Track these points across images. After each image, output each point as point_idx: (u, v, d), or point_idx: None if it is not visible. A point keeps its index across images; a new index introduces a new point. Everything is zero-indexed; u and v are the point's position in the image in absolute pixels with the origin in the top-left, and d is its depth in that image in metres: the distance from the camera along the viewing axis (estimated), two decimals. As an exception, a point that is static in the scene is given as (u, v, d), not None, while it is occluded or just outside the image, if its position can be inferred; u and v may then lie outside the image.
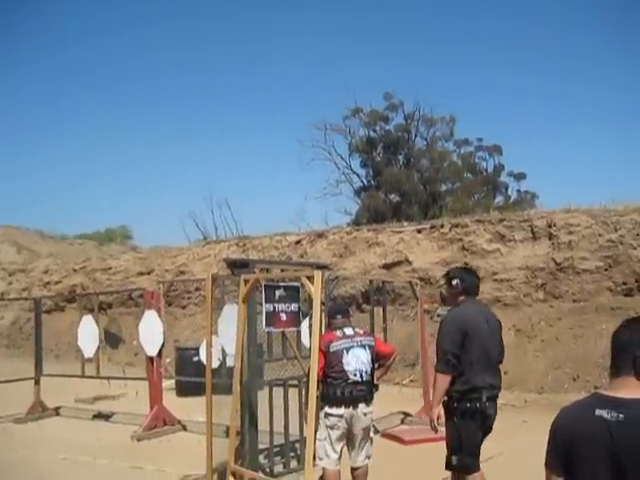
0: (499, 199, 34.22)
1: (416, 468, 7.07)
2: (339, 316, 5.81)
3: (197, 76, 66.05)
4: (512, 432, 5.43)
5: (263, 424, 6.79)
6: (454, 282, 5.24)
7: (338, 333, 5.60)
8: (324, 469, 5.53)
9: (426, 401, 9.88)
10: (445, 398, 5.04)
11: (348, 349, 5.49)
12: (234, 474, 5.73)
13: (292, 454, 7.36)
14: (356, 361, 5.47)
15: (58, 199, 65.54)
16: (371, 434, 5.71)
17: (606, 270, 13.16)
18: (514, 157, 53.63)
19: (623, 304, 12.60)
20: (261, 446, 6.93)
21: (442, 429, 5.14)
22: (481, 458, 5.17)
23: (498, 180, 34.90)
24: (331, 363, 5.43)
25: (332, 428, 5.43)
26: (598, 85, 52.90)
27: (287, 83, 62.37)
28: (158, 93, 67.17)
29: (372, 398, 5.62)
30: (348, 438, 5.55)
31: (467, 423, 4.98)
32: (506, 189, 35.12)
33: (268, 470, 6.88)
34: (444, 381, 4.95)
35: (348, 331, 5.65)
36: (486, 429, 5.14)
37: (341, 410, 5.39)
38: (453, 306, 5.32)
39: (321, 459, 5.47)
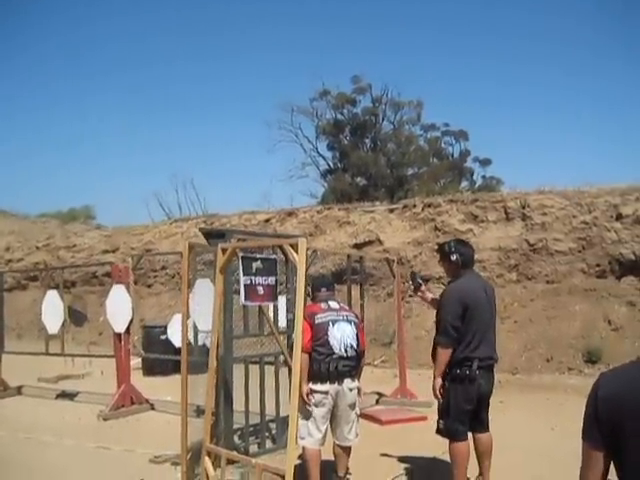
0: (465, 184, 34.25)
1: (395, 448, 6.89)
2: (324, 289, 5.58)
3: (165, 63, 65.26)
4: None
5: (237, 403, 6.55)
6: (453, 257, 5.28)
7: (323, 305, 5.36)
8: (304, 448, 5.25)
9: (401, 381, 9.73)
10: None
11: (334, 322, 5.25)
12: (210, 454, 5.46)
13: (267, 434, 7.11)
14: (342, 334, 5.22)
15: (20, 178, 64.08)
16: (357, 411, 5.45)
17: (579, 252, 13.09)
18: (480, 143, 53.58)
19: (596, 286, 12.58)
20: (235, 426, 6.70)
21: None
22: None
23: (464, 165, 34.93)
24: (316, 335, 5.15)
25: (317, 405, 5.15)
26: (567, 67, 53.05)
27: (255, 67, 61.89)
28: (126, 77, 65.87)
29: (358, 373, 5.39)
30: (333, 415, 5.29)
31: (455, 388, 5.07)
32: (472, 175, 35.20)
33: (243, 450, 6.60)
34: (445, 353, 5.04)
35: (333, 304, 5.41)
36: (480, 398, 5.16)
37: (326, 386, 5.14)
38: (452, 279, 5.36)
39: (303, 438, 5.18)
